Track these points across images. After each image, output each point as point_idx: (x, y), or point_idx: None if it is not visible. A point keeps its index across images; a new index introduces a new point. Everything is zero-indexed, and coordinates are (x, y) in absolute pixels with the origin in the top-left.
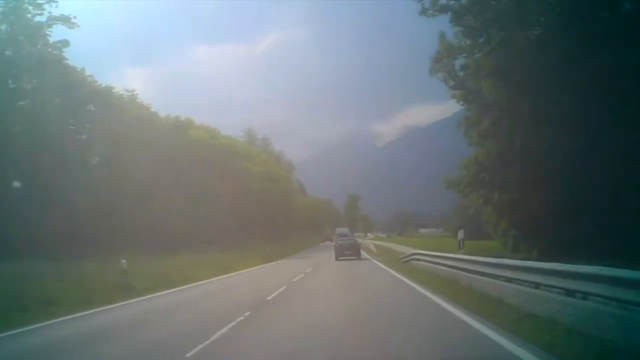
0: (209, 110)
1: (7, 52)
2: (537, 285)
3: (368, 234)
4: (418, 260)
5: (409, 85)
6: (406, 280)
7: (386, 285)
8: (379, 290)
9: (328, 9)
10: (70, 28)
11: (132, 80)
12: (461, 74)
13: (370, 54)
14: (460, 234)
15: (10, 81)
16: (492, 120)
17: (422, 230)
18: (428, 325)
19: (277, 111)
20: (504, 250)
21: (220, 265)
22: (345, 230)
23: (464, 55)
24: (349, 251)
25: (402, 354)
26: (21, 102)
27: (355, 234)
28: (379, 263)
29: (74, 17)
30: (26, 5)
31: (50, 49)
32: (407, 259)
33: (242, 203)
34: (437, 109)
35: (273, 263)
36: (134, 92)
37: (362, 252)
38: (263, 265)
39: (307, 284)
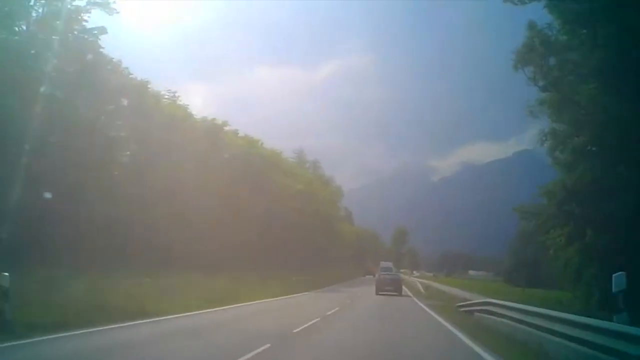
0: (263, 130)
1: (40, 35)
2: None
3: (414, 272)
4: (493, 313)
5: (469, 121)
6: None
7: None
8: None
9: (392, 40)
10: (109, 14)
11: (191, 95)
12: (555, 72)
13: (430, 88)
14: (619, 281)
15: (40, 65)
16: (589, 137)
17: (471, 273)
18: None
19: (332, 138)
20: (585, 306)
21: (221, 293)
22: (389, 264)
23: (558, 52)
24: (391, 287)
25: None
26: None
27: (400, 270)
28: (431, 312)
29: (114, 1)
30: None
31: (86, 36)
32: (470, 308)
33: (275, 223)
34: (496, 147)
35: (296, 295)
36: (176, 93)
37: (409, 292)
38: (281, 298)
39: (307, 346)
